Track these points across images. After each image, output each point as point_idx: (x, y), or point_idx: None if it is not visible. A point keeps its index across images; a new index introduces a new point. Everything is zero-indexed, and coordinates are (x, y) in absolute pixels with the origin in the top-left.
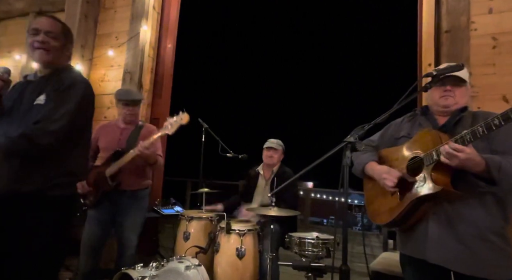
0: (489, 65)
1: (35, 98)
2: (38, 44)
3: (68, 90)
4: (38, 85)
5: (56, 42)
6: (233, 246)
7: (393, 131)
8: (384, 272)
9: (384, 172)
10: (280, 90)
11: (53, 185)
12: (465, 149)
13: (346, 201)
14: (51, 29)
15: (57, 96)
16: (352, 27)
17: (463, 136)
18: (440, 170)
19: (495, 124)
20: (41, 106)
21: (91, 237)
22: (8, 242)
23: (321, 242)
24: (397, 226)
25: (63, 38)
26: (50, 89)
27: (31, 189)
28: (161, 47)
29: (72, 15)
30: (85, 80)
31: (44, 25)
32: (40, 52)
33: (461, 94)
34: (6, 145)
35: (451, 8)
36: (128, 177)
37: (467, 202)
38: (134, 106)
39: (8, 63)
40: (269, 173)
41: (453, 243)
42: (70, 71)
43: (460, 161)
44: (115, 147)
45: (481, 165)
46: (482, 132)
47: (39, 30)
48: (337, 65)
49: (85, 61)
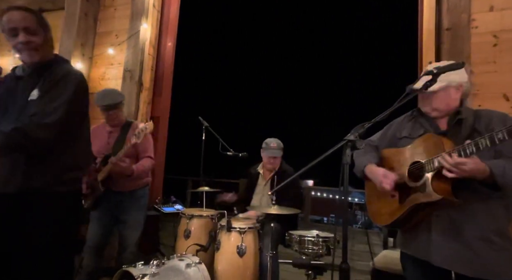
0: (490, 63)
1: (28, 94)
2: (21, 45)
3: (60, 83)
4: (30, 81)
5: (38, 38)
6: (234, 244)
7: (394, 130)
8: (385, 270)
9: (381, 175)
10: (280, 88)
11: (60, 181)
12: (468, 161)
13: (346, 199)
14: (27, 25)
15: (50, 90)
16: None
17: (466, 148)
18: (441, 177)
19: (499, 138)
20: (35, 101)
21: (93, 237)
22: (16, 241)
23: (321, 240)
24: (398, 227)
25: (41, 30)
26: (42, 83)
27: (38, 186)
28: (161, 45)
29: (72, 13)
30: (76, 71)
31: (19, 22)
32: (27, 53)
33: (439, 100)
34: (1, 140)
35: (451, 5)
36: (123, 180)
37: (470, 205)
38: (113, 109)
39: (9, 61)
40: (269, 172)
41: (456, 245)
42: (60, 64)
43: (464, 173)
44: (105, 152)
45: (485, 173)
46: (486, 145)
47: (17, 29)
48: (337, 63)
49: (85, 59)
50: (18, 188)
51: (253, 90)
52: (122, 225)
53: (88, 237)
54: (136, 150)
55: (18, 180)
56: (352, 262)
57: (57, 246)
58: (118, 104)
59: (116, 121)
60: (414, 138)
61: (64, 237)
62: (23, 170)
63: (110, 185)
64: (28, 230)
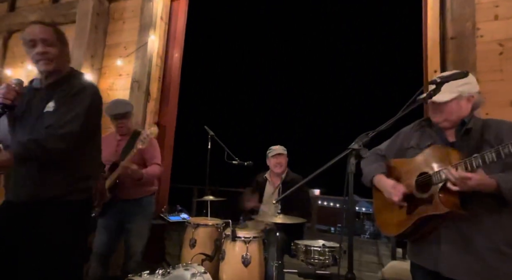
0: (496, 71)
1: (44, 106)
2: (38, 56)
3: (76, 96)
4: (46, 93)
5: (54, 50)
6: (239, 254)
7: (402, 140)
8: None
9: (390, 186)
10: (286, 97)
11: (72, 190)
12: (473, 176)
13: (352, 208)
14: (46, 37)
15: (66, 102)
16: (358, 34)
17: (473, 161)
18: (449, 190)
19: (505, 152)
20: (51, 113)
21: (99, 245)
22: (26, 248)
23: (328, 250)
24: (406, 238)
25: (59, 43)
26: (59, 96)
27: (50, 195)
28: (168, 56)
29: (83, 27)
30: (92, 85)
31: (38, 34)
32: (42, 62)
33: (450, 111)
34: (18, 151)
35: (456, 14)
36: (129, 188)
37: (479, 216)
38: (122, 118)
39: (21, 73)
40: (277, 180)
41: (466, 256)
42: (77, 77)
43: (469, 187)
44: (113, 159)
45: (492, 187)
46: (492, 159)
47: (36, 41)
48: (342, 73)
49: (94, 71)
50: (29, 197)
51: (259, 99)
52: (127, 233)
53: (95, 245)
54: (144, 158)
55: (30, 189)
56: (360, 273)
57: (66, 254)
58: (127, 114)
59: (125, 130)
60: (422, 148)
61: (73, 245)
62: (35, 179)
63: (117, 192)
64: (38, 238)
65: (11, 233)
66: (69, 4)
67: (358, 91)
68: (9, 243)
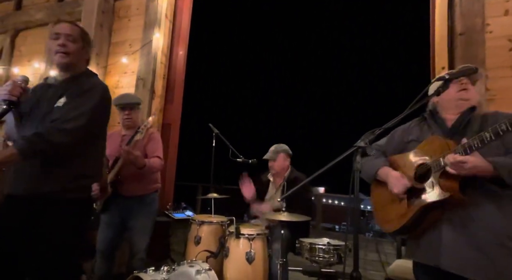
0: (506, 68)
1: (55, 101)
2: (58, 47)
3: (86, 93)
4: (59, 89)
5: (74, 45)
6: (243, 251)
7: (401, 135)
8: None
9: (394, 178)
10: (291, 95)
11: (72, 188)
12: (468, 159)
13: (358, 206)
14: (70, 32)
15: (76, 98)
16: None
17: (471, 143)
18: (448, 176)
19: (502, 129)
20: (60, 108)
21: (103, 241)
22: (25, 244)
23: (332, 248)
24: (407, 233)
25: (81, 41)
26: (70, 92)
27: (51, 190)
28: (173, 54)
29: (88, 25)
30: (103, 84)
31: (64, 29)
32: (59, 55)
33: (474, 91)
34: (23, 144)
35: (465, 10)
36: (131, 184)
37: (481, 206)
38: (130, 109)
39: (28, 71)
40: (280, 179)
41: (468, 250)
42: (90, 76)
43: (466, 171)
44: (116, 154)
45: (489, 170)
46: (490, 138)
47: (60, 34)
48: (348, 69)
49: (100, 69)
50: (29, 191)
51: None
52: (130, 231)
53: (99, 241)
54: (145, 151)
55: (29, 183)
56: (365, 272)
57: (66, 254)
58: (135, 105)
59: (131, 122)
60: (422, 141)
61: (73, 245)
62: (35, 173)
63: (119, 188)
64: (38, 237)
65: (11, 231)
66: (75, 2)
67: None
68: (9, 242)
